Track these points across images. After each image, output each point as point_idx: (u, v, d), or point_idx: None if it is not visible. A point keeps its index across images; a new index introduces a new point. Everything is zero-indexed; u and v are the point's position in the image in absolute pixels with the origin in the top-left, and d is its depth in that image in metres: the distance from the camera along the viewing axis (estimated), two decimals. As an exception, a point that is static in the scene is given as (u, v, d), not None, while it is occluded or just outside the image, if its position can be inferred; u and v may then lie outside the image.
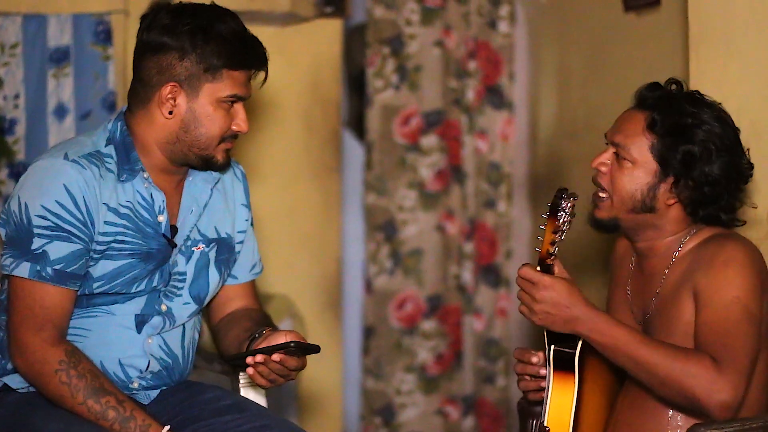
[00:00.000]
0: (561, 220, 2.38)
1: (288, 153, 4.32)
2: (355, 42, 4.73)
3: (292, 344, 2.40)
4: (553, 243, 2.39)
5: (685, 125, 2.43)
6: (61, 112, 3.77)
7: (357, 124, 4.85)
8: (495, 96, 4.56)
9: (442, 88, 4.50)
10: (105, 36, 3.80)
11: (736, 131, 2.48)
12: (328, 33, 4.33)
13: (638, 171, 2.46)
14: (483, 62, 4.54)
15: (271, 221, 4.18)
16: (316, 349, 2.44)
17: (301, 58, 4.30)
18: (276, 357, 2.40)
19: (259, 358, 2.41)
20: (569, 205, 2.38)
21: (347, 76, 4.76)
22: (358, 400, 4.66)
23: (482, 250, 4.60)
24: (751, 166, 2.50)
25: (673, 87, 2.51)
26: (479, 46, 4.53)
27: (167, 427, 2.40)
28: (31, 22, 3.74)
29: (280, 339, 2.43)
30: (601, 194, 2.51)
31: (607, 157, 2.51)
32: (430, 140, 4.52)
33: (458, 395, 4.57)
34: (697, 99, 2.48)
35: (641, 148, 2.46)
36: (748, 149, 2.50)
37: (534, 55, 4.55)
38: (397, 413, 4.55)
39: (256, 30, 2.63)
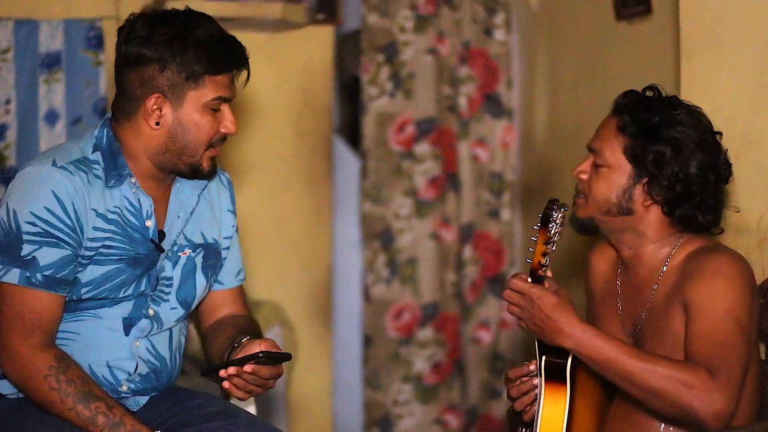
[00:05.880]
0: (552, 231, 2.39)
1: (279, 160, 4.32)
2: (347, 49, 4.73)
3: (260, 354, 2.39)
4: (544, 254, 2.40)
5: (653, 125, 2.44)
6: (52, 117, 3.77)
7: (349, 132, 4.85)
8: (493, 104, 4.56)
9: (435, 95, 4.49)
10: (96, 42, 3.80)
11: (712, 132, 2.48)
12: (320, 40, 4.34)
13: (613, 174, 2.48)
14: (480, 69, 4.54)
15: (261, 228, 4.18)
16: (286, 357, 2.43)
17: (292, 64, 4.30)
18: (248, 368, 2.39)
19: (232, 370, 2.40)
20: (560, 216, 2.39)
21: (339, 83, 4.75)
22: (358, 411, 4.64)
23: (488, 261, 4.58)
24: (728, 166, 2.50)
25: (648, 93, 2.52)
26: (476, 54, 4.53)
27: (156, 432, 2.40)
28: (23, 27, 3.74)
29: (255, 348, 2.42)
30: (579, 197, 2.54)
31: (587, 165, 2.54)
32: (423, 147, 4.51)
33: (459, 405, 4.54)
34: (671, 101, 2.50)
35: (615, 151, 2.48)
36: (727, 149, 2.50)
37: (526, 63, 4.55)
38: (395, 424, 4.53)
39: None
